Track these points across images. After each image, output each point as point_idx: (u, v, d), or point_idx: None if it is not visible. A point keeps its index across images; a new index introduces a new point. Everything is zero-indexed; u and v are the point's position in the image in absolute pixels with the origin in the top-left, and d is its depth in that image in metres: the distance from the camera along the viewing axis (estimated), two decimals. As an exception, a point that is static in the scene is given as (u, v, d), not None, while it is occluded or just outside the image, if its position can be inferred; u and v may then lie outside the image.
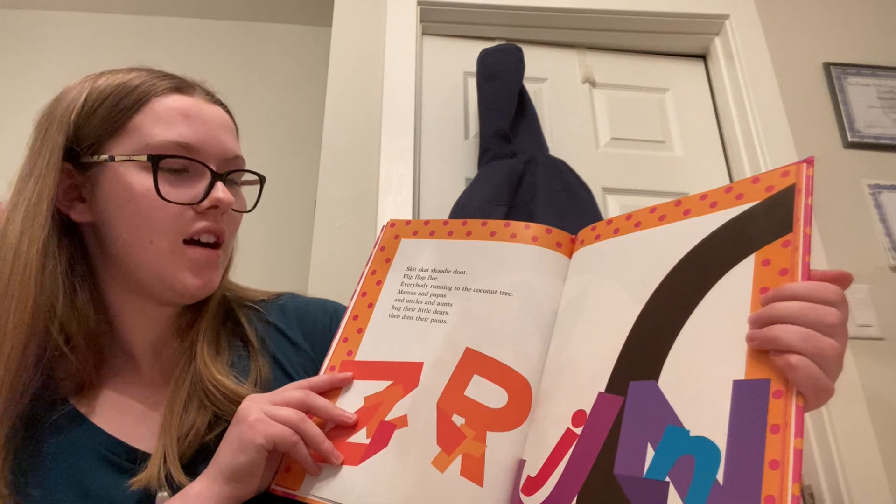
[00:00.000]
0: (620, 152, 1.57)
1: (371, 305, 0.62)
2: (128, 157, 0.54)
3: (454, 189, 1.43)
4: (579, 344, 0.51)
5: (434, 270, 0.61)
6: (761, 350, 0.40)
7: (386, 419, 0.53)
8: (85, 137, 0.55)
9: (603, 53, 1.69)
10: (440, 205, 1.41)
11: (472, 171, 1.46)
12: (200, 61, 2.23)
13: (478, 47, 1.52)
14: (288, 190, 2.02)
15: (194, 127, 0.56)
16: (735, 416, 0.39)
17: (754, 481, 0.35)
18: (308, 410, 0.53)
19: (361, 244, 1.33)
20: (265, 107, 2.18)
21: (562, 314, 0.55)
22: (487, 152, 1.38)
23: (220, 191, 0.56)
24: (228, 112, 0.63)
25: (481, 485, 0.47)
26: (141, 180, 0.54)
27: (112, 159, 0.54)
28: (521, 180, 1.33)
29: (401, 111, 1.45)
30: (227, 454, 0.50)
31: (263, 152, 2.08)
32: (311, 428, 0.51)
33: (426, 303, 0.59)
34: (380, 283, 0.63)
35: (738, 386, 0.40)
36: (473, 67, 1.48)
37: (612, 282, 0.52)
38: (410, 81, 1.49)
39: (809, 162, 0.46)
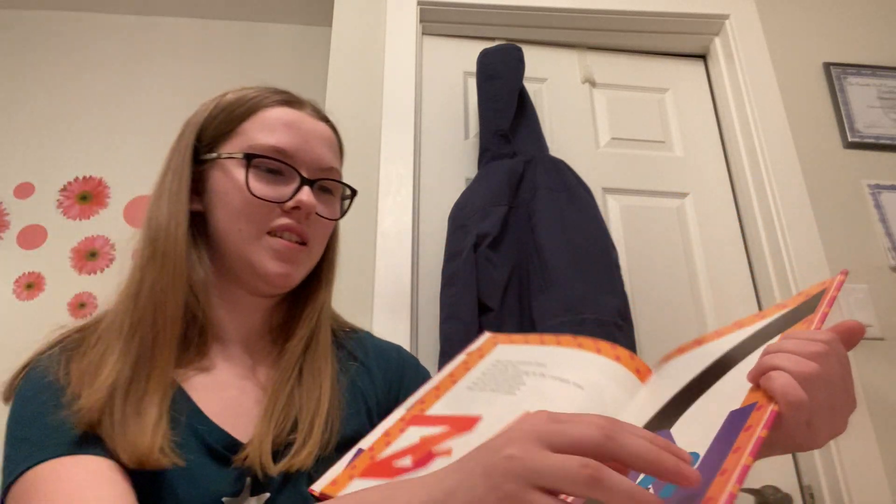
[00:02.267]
0: (620, 152, 1.57)
1: (454, 382, 0.65)
2: (230, 155, 0.63)
3: (454, 189, 1.43)
4: None
5: (519, 362, 0.65)
6: (756, 381, 0.44)
7: (432, 450, 0.55)
8: (205, 139, 0.65)
9: (603, 53, 1.69)
10: (440, 205, 1.41)
11: (472, 171, 1.46)
12: (200, 61, 2.23)
13: (478, 47, 1.52)
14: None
15: (292, 135, 0.64)
16: (719, 433, 0.42)
17: (705, 484, 0.37)
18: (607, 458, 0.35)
19: (361, 244, 1.33)
20: (265, 107, 2.18)
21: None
22: (487, 152, 1.38)
23: (305, 194, 0.62)
24: (335, 131, 0.71)
25: None
26: (239, 176, 0.62)
27: (219, 157, 0.63)
28: (521, 180, 1.33)
29: (401, 111, 1.45)
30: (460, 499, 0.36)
31: (263, 152, 2.08)
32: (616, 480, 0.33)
33: (503, 380, 0.63)
34: (468, 368, 0.67)
35: (731, 413, 0.43)
36: (473, 67, 1.48)
37: (659, 379, 0.57)
38: (410, 81, 1.49)
39: (844, 273, 0.52)
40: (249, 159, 0.61)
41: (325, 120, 0.69)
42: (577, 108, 1.61)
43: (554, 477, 0.33)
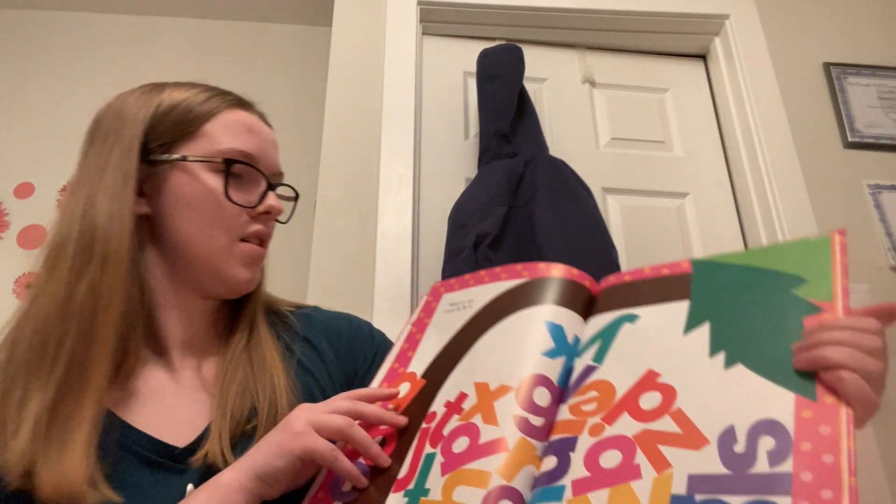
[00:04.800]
0: (620, 152, 1.57)
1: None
2: (201, 159, 0.60)
3: (454, 189, 1.43)
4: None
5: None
6: (811, 369, 0.44)
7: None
8: (158, 137, 0.60)
9: (603, 53, 1.69)
10: (440, 205, 1.41)
11: (472, 171, 1.46)
12: (200, 61, 2.23)
13: (478, 47, 1.52)
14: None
15: (255, 140, 0.63)
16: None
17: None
18: (358, 418, 0.54)
19: (361, 244, 1.33)
20: (265, 107, 2.16)
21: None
22: (487, 152, 1.38)
23: (273, 199, 0.63)
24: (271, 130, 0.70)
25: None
26: (210, 180, 0.60)
27: (184, 159, 0.60)
28: (520, 180, 1.33)
29: (401, 111, 1.45)
30: (264, 455, 0.51)
31: (263, 152, 2.08)
32: (359, 432, 0.52)
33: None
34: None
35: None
36: (473, 67, 1.48)
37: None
38: (410, 81, 1.49)
39: (841, 233, 0.52)
40: (229, 164, 0.60)
41: (267, 122, 0.69)
42: (577, 108, 1.61)
43: (326, 426, 0.51)
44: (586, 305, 0.59)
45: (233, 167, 0.60)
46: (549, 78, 1.63)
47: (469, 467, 0.48)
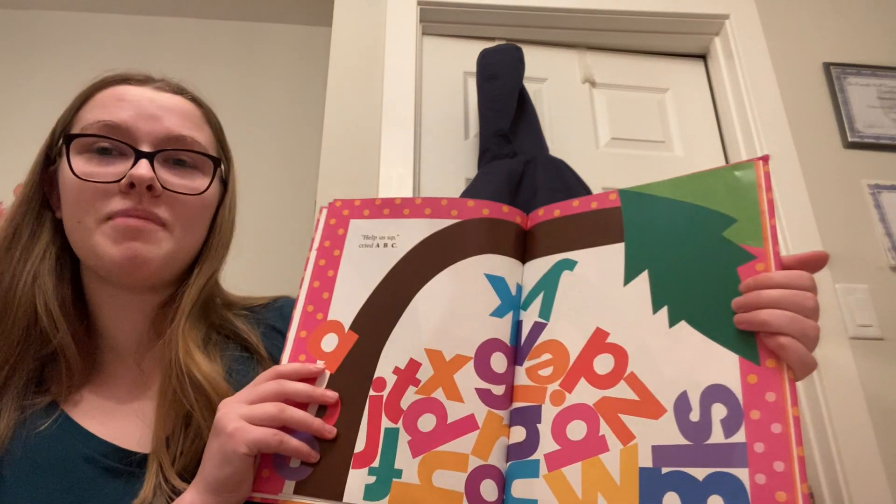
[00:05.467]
0: (620, 152, 1.57)
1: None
2: (56, 147, 0.58)
3: (454, 189, 1.43)
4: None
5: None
6: (751, 331, 0.45)
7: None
8: (54, 142, 0.60)
9: (603, 53, 1.69)
10: (440, 205, 1.41)
11: (472, 171, 1.46)
12: (200, 61, 2.23)
13: (478, 47, 1.52)
14: (288, 190, 2.01)
15: (126, 109, 0.57)
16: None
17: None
18: (285, 399, 0.51)
19: (361, 244, 1.32)
20: (265, 107, 2.18)
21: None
22: (487, 152, 1.38)
23: (141, 167, 0.54)
24: (198, 104, 0.63)
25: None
26: (65, 164, 0.56)
27: (53, 155, 0.59)
28: (520, 180, 1.33)
29: (401, 111, 1.45)
30: (211, 467, 0.48)
31: (263, 153, 2.08)
32: (294, 413, 0.50)
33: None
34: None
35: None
36: (473, 67, 1.48)
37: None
38: (410, 81, 1.49)
39: (764, 159, 0.51)
40: (69, 141, 0.55)
41: (180, 92, 0.62)
42: (577, 108, 1.60)
43: (258, 416, 0.49)
44: (521, 245, 0.59)
45: (80, 142, 0.55)
46: (549, 78, 1.63)
47: (444, 449, 0.49)
